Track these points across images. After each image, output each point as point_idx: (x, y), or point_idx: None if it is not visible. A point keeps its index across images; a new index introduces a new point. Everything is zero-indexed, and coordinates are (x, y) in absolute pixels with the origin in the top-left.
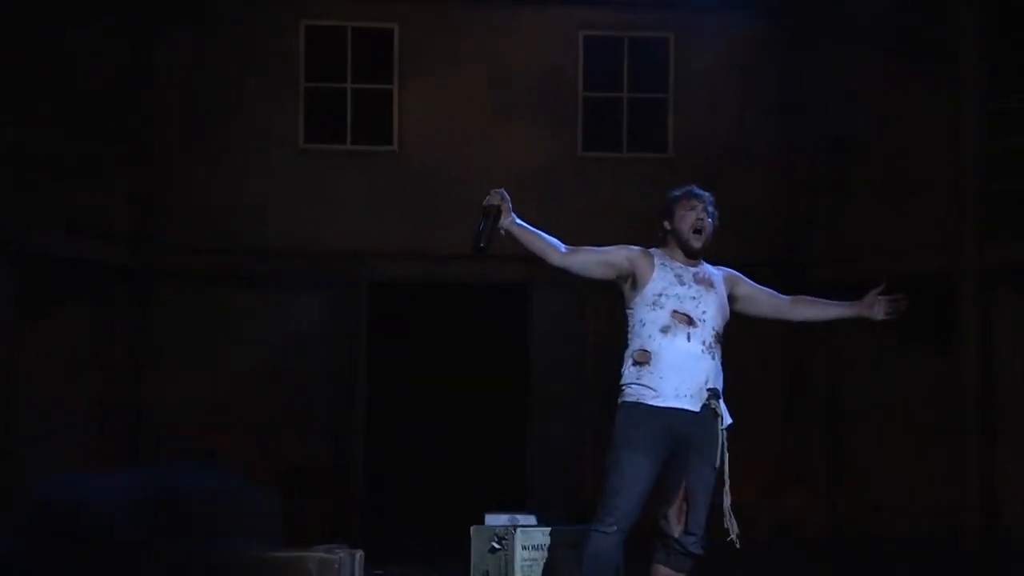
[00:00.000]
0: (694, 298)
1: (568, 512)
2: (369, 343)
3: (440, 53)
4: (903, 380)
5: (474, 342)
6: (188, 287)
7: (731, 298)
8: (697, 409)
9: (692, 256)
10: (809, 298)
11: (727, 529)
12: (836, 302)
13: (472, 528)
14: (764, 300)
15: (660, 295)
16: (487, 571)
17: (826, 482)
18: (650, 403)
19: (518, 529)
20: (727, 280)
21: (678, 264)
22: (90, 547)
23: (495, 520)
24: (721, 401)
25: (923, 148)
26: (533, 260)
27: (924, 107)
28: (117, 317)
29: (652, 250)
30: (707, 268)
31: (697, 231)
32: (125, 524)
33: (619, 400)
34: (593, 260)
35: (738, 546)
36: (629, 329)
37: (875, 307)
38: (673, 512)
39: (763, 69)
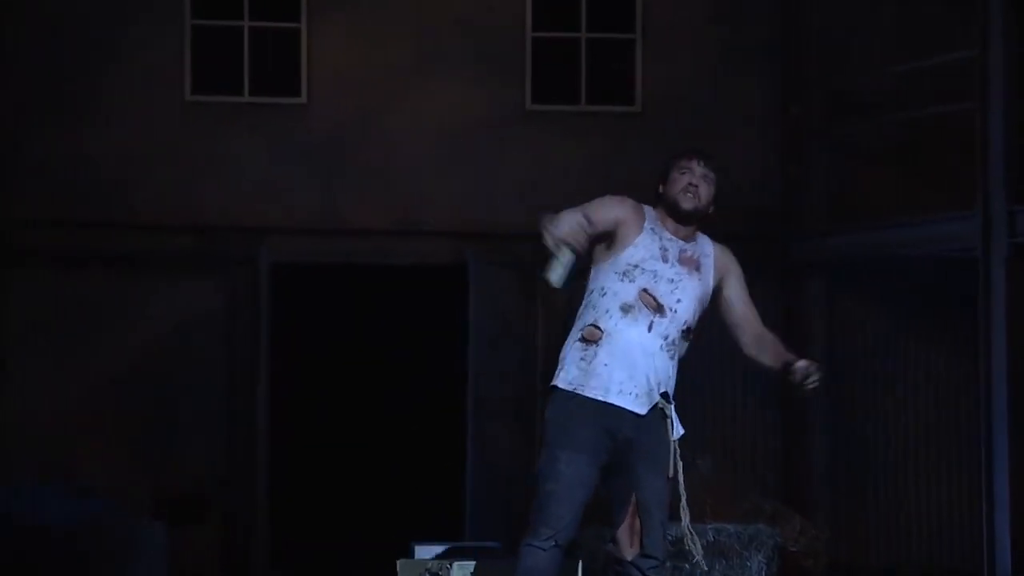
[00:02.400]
0: (672, 280)
1: (514, 538)
2: (272, 337)
3: None
4: (920, 380)
5: (400, 334)
6: (48, 270)
7: (716, 289)
8: (643, 412)
9: (684, 221)
10: (773, 340)
11: (688, 551)
12: (787, 353)
13: (399, 562)
14: (737, 314)
15: (636, 266)
16: None
17: (829, 503)
18: (587, 395)
19: (454, 564)
20: (720, 266)
21: (668, 235)
22: None
23: (426, 552)
24: (672, 407)
25: (943, 102)
26: (471, 235)
27: (943, 54)
28: None
29: (647, 208)
30: (700, 246)
31: (689, 191)
32: None
33: (552, 383)
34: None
35: (705, 568)
36: (585, 295)
37: (797, 375)
38: (624, 532)
39: (753, 6)
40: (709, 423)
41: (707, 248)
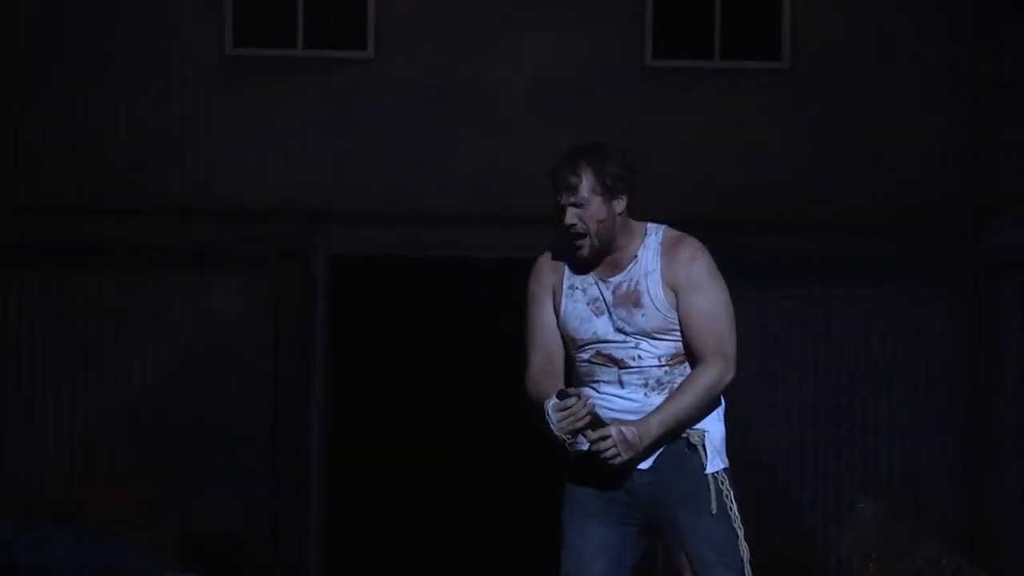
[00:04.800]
0: (619, 330)
1: None
2: (327, 347)
3: None
4: None
5: (482, 341)
6: (53, 268)
7: (675, 294)
8: (647, 466)
9: (595, 263)
10: (687, 385)
11: None
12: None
13: None
14: (690, 329)
15: (573, 338)
16: None
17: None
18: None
19: None
20: (668, 278)
21: (590, 278)
22: None
23: None
24: (707, 436)
25: None
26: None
27: None
28: None
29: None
30: (641, 265)
31: (575, 235)
32: None
33: None
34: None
35: None
36: None
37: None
38: None
39: None
40: (872, 457)
41: (651, 263)
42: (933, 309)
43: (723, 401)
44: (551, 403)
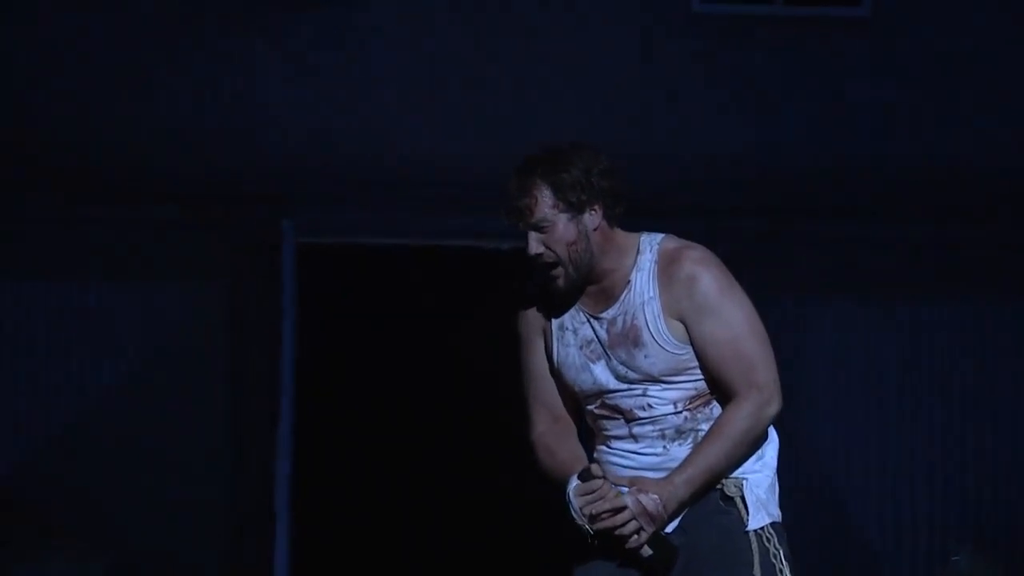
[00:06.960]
0: (621, 377)
1: None
2: (298, 352)
3: None
4: None
5: (483, 346)
6: None
7: (684, 324)
8: (673, 527)
9: (581, 293)
10: (716, 429)
11: None
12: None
13: None
14: (708, 360)
15: (572, 390)
16: None
17: None
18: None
19: None
20: (669, 307)
21: (581, 314)
22: None
23: None
24: (747, 485)
25: None
26: None
27: None
28: None
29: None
30: (634, 295)
31: (544, 266)
32: None
33: None
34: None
35: None
36: None
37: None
38: None
39: None
40: (970, 497)
41: (648, 289)
42: None
43: (771, 436)
44: (573, 487)
